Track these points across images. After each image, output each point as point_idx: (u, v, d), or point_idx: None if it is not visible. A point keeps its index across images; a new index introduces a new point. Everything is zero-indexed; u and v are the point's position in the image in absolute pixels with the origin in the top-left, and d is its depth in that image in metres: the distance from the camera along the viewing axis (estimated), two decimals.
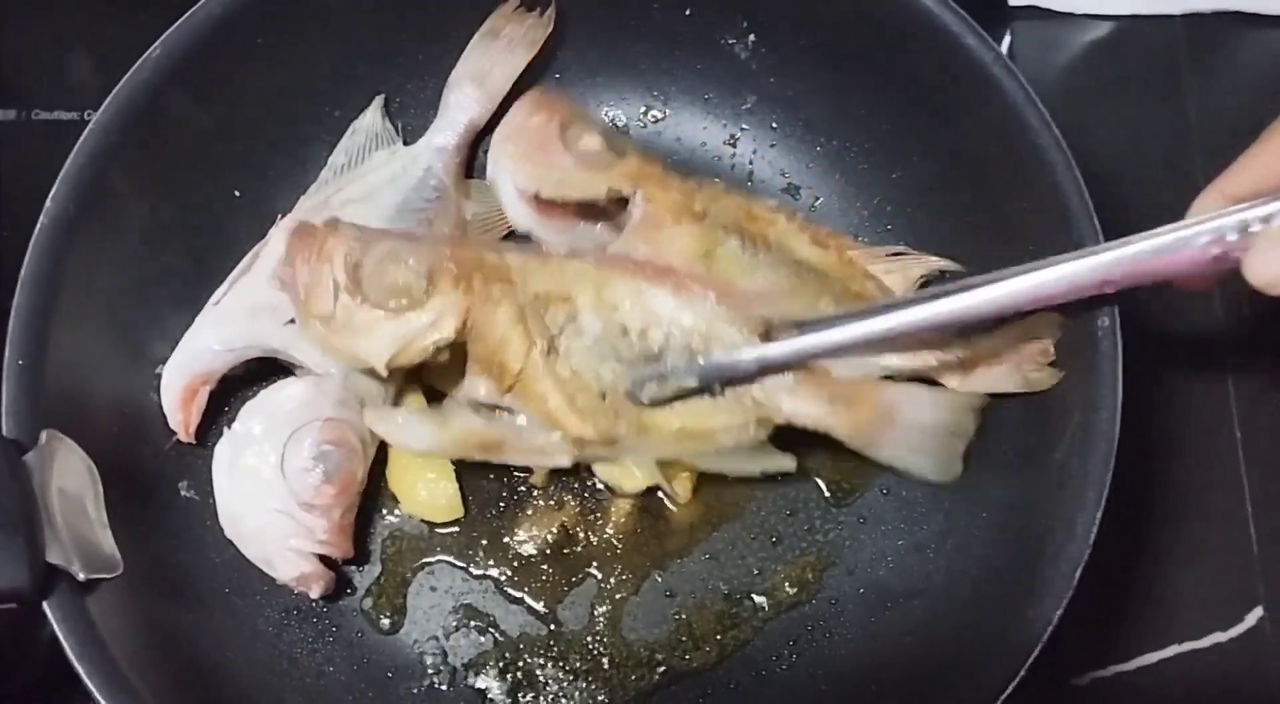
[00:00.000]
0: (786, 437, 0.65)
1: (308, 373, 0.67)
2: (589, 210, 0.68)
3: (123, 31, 0.70)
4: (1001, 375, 0.65)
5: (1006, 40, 0.86)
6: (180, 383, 0.65)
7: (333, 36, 0.70)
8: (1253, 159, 0.55)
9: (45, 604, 0.55)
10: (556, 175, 0.67)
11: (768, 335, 0.63)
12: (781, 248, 0.68)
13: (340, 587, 0.68)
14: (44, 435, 0.57)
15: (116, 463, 0.61)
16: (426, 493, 0.69)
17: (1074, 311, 0.62)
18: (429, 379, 0.67)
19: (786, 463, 0.65)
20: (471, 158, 0.76)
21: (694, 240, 0.65)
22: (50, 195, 0.62)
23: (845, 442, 0.64)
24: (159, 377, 0.66)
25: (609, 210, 0.68)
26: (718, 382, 0.63)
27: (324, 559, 0.65)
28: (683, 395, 0.63)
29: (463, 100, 0.73)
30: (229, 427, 0.66)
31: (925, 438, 0.64)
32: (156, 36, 0.65)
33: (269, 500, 0.63)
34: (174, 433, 0.66)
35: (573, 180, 0.67)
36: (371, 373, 0.62)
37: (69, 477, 0.58)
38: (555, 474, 0.70)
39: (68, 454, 0.58)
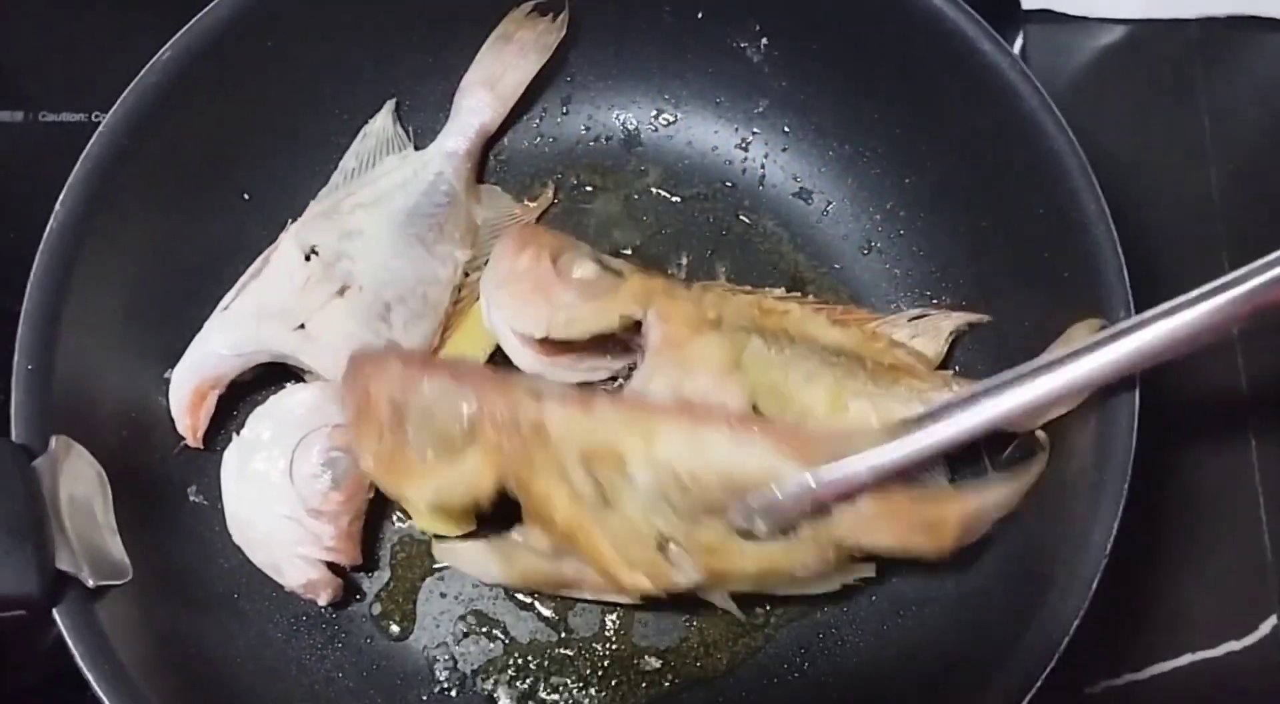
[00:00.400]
0: None
1: (317, 378, 0.66)
2: (597, 340, 0.65)
3: (131, 33, 0.69)
4: None
5: (1019, 43, 0.86)
6: (188, 387, 0.65)
7: (344, 39, 0.70)
8: None
9: (55, 611, 0.55)
10: (563, 315, 0.64)
11: None
12: (804, 337, 0.66)
13: (349, 593, 0.68)
14: (53, 441, 0.57)
15: (125, 468, 0.61)
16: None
17: (1089, 314, 0.61)
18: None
19: (867, 571, 0.63)
20: (482, 163, 0.75)
21: (719, 350, 0.63)
22: (60, 199, 0.61)
23: (933, 560, 0.60)
24: (168, 381, 0.66)
25: (617, 336, 0.66)
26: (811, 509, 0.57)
27: (332, 566, 0.64)
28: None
29: (474, 105, 0.73)
30: (238, 432, 0.66)
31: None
32: (165, 39, 0.64)
33: (277, 506, 0.63)
34: (182, 438, 0.66)
35: (581, 316, 0.64)
36: None
37: (78, 482, 0.57)
38: None
39: (77, 459, 0.58)
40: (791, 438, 0.59)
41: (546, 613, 0.69)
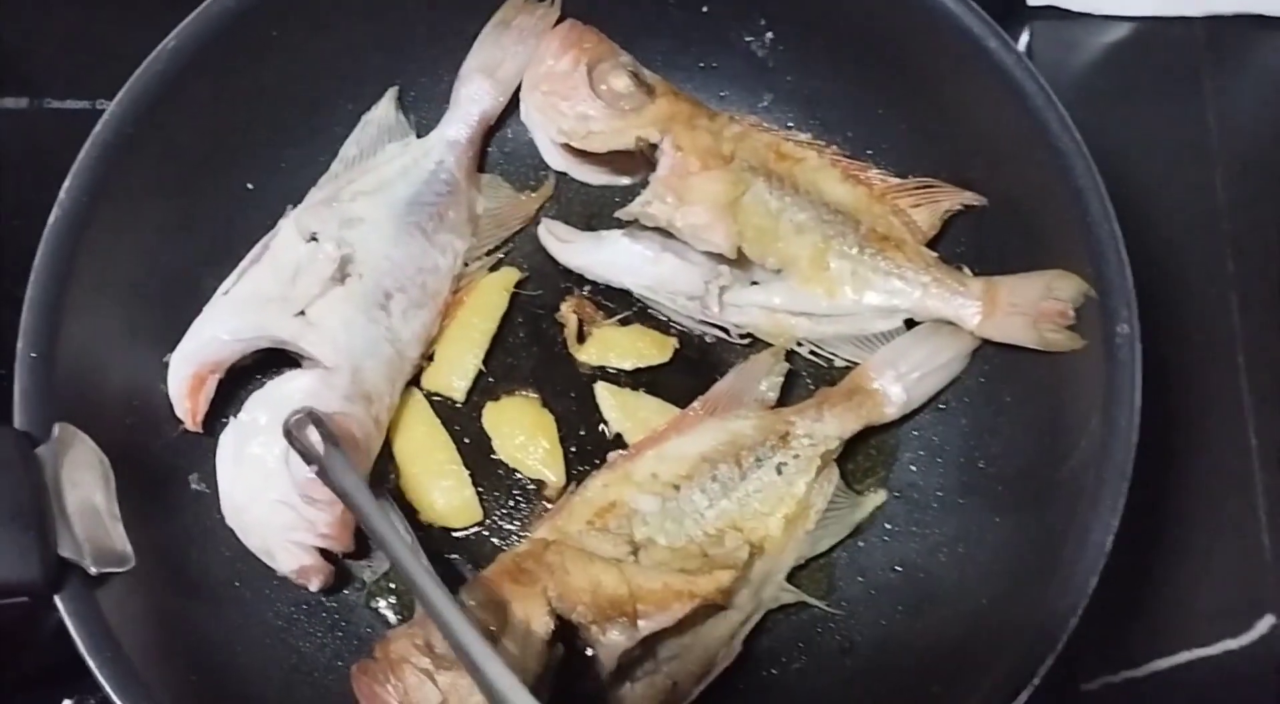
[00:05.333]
0: None
1: (316, 365, 0.66)
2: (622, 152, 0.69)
3: (136, 22, 0.69)
4: (1019, 327, 0.65)
5: (1024, 39, 0.85)
6: (188, 372, 0.65)
7: (349, 30, 0.70)
8: None
9: (57, 598, 0.55)
10: (585, 128, 0.68)
11: None
12: (810, 188, 0.69)
13: (348, 581, 0.68)
14: (57, 428, 0.57)
15: (128, 455, 0.61)
16: (444, 501, 0.69)
17: (1091, 318, 0.62)
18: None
19: (879, 498, 0.70)
20: (484, 151, 0.75)
21: (722, 186, 0.67)
22: (64, 187, 0.61)
23: (892, 417, 0.69)
24: (168, 365, 0.65)
25: (644, 151, 0.69)
26: None
27: (325, 552, 0.64)
28: None
29: (475, 93, 0.72)
30: (235, 416, 0.65)
31: (929, 373, 0.69)
32: (171, 27, 0.64)
33: (272, 491, 0.63)
34: (181, 422, 0.65)
35: (600, 133, 0.68)
36: None
37: (81, 470, 0.57)
38: (569, 479, 0.70)
39: (80, 447, 0.58)
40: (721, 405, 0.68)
41: None
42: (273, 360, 0.68)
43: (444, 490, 0.68)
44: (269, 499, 0.63)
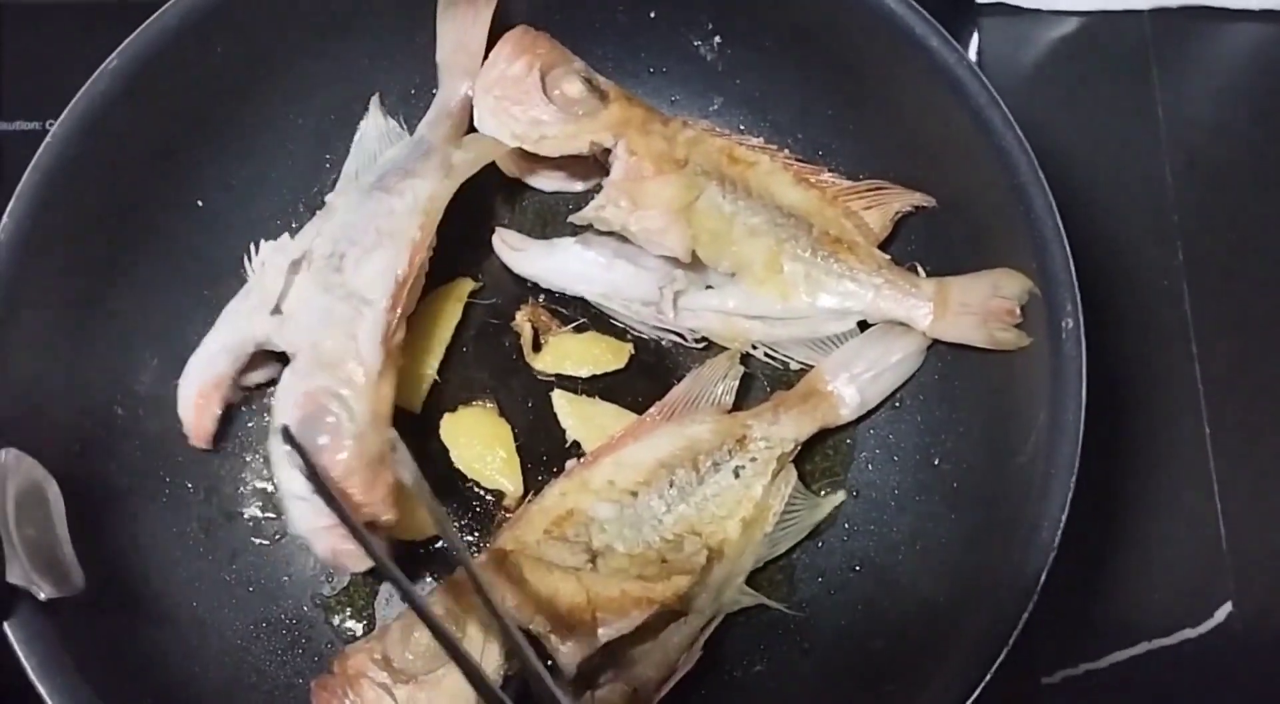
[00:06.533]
0: None
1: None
2: (574, 156, 0.69)
3: (86, 41, 0.69)
4: (969, 327, 0.66)
5: (976, 38, 0.86)
6: (189, 392, 0.67)
7: (293, 45, 0.70)
8: None
9: (6, 625, 0.55)
10: (537, 132, 0.68)
11: None
12: (763, 192, 0.70)
13: (308, 598, 0.68)
14: (2, 454, 0.56)
15: (79, 479, 0.61)
16: (401, 513, 0.67)
17: (1037, 313, 0.62)
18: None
19: (837, 499, 0.70)
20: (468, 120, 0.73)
21: (676, 191, 0.67)
22: (7, 211, 0.61)
23: (848, 419, 0.69)
24: (124, 389, 0.65)
25: (597, 156, 0.69)
26: None
27: (372, 526, 0.61)
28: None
29: (455, 78, 0.71)
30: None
31: (882, 373, 0.70)
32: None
33: (292, 488, 0.61)
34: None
35: (554, 137, 0.68)
36: None
37: (29, 494, 0.57)
38: (528, 488, 0.70)
39: (28, 471, 0.57)
40: (678, 410, 0.68)
41: None
42: None
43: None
44: (293, 496, 0.62)
